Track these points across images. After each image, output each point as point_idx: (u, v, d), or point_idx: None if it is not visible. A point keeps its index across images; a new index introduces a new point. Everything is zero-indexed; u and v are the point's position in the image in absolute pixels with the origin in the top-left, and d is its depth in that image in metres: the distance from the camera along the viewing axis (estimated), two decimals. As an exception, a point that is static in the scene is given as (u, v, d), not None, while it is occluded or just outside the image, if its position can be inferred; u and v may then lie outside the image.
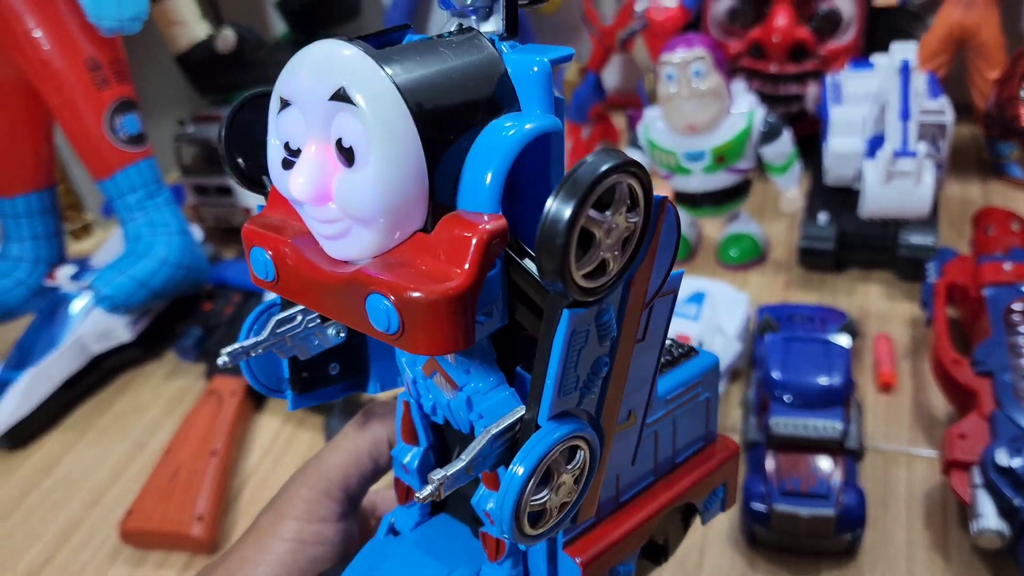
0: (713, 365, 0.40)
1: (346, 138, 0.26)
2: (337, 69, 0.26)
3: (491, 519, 0.31)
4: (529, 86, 0.29)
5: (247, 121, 0.32)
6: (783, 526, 0.66)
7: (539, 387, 0.28)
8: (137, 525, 0.76)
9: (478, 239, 0.26)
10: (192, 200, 1.16)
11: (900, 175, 0.81)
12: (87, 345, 0.94)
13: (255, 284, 0.32)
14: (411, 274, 0.27)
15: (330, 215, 0.28)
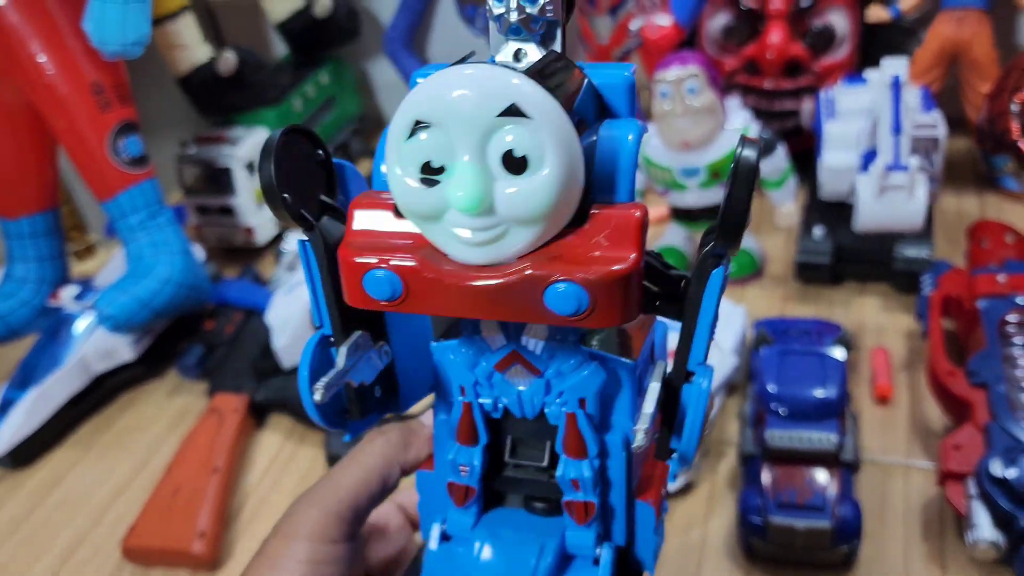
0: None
1: (517, 149, 0.29)
2: (505, 89, 0.28)
3: (578, 486, 0.36)
4: (620, 95, 0.33)
5: (282, 156, 0.33)
6: (779, 538, 0.66)
7: (689, 338, 0.32)
8: (139, 542, 0.77)
9: (638, 223, 0.30)
10: (194, 220, 1.17)
11: (893, 189, 0.82)
12: (90, 364, 0.94)
13: (365, 307, 0.32)
14: (588, 259, 0.30)
15: (489, 221, 0.30)
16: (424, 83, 0.29)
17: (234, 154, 1.12)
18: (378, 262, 0.31)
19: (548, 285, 0.30)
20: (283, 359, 0.92)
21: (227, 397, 0.90)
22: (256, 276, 1.08)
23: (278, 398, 0.90)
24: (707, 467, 0.78)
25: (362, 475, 0.39)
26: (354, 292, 0.32)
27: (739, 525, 0.69)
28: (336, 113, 1.36)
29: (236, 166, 1.12)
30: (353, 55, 1.42)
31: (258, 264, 1.16)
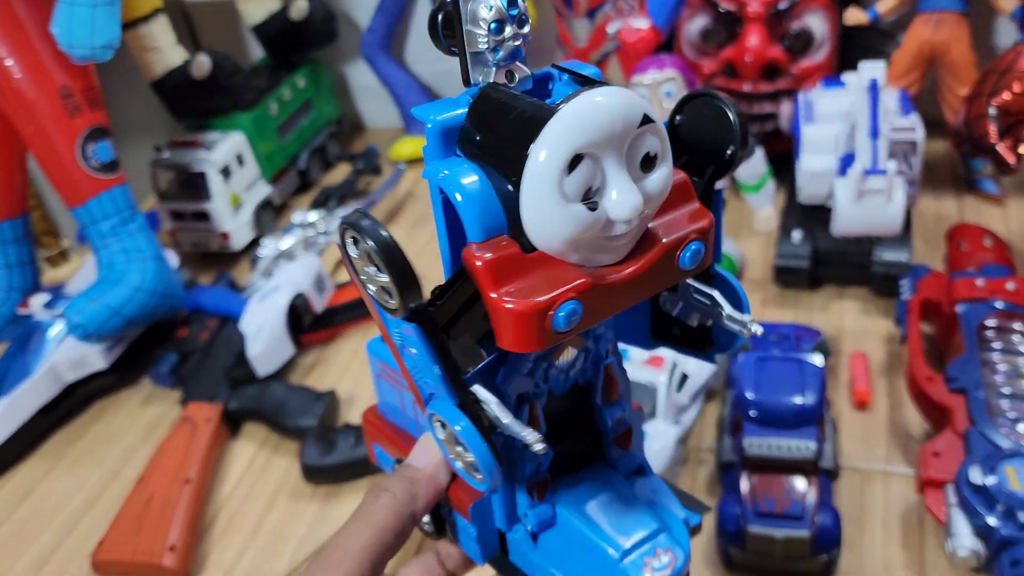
0: None
1: (652, 150, 0.32)
2: (637, 104, 0.31)
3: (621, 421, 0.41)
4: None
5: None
6: (758, 548, 0.66)
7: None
8: (109, 556, 0.75)
9: (687, 179, 0.36)
10: (168, 225, 1.16)
11: (871, 193, 0.82)
12: (61, 373, 0.93)
13: (538, 348, 0.32)
14: (683, 221, 0.35)
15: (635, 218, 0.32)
16: (566, 120, 0.30)
17: (209, 158, 1.10)
18: (560, 295, 0.31)
19: (682, 248, 0.34)
20: (257, 367, 0.91)
21: (200, 406, 0.88)
22: (231, 282, 1.06)
23: (252, 407, 0.88)
24: (686, 474, 0.78)
25: (375, 536, 0.38)
26: (529, 337, 0.32)
27: (717, 534, 0.69)
28: (313, 116, 1.34)
29: (211, 171, 1.10)
30: (330, 58, 1.41)
31: (233, 270, 1.14)
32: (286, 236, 1.09)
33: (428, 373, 0.35)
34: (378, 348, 0.43)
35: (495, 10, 0.32)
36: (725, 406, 0.80)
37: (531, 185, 0.30)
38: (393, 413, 0.45)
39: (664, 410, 0.75)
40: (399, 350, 0.36)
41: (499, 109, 0.32)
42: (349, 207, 1.17)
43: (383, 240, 0.31)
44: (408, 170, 1.29)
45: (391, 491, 0.39)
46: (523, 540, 0.40)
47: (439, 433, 0.37)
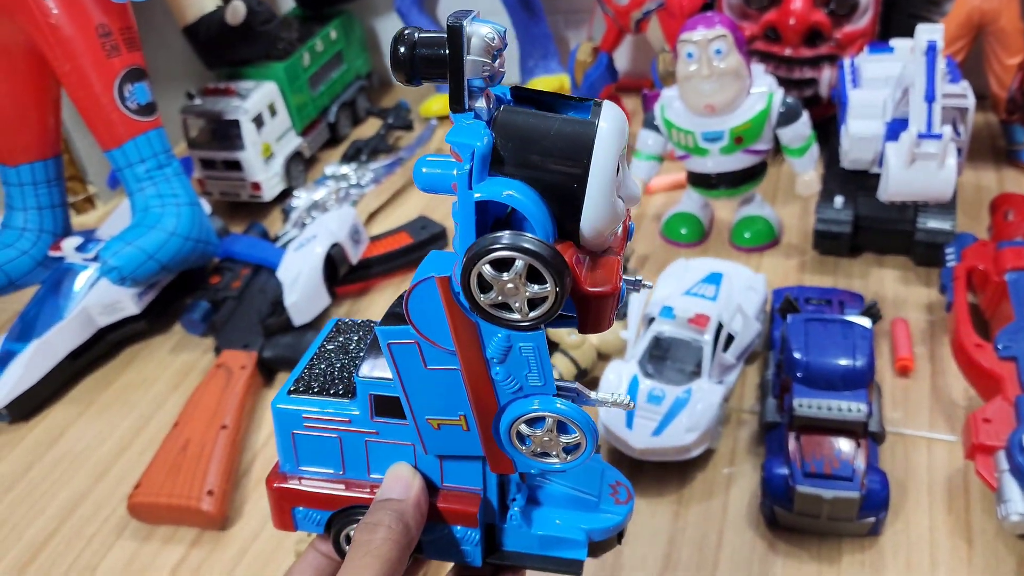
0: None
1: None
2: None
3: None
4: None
5: None
6: (806, 508, 0.65)
7: None
8: (145, 499, 0.75)
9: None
10: (198, 173, 1.14)
11: (924, 157, 0.80)
12: (93, 317, 0.92)
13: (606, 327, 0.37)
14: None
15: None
16: (613, 131, 0.34)
17: (243, 106, 1.09)
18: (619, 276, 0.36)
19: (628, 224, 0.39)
20: (294, 316, 0.90)
21: (235, 353, 0.88)
22: (264, 232, 1.05)
23: (287, 355, 0.87)
24: (727, 434, 0.77)
25: (384, 568, 0.37)
26: (612, 316, 0.36)
27: (763, 494, 0.68)
28: (344, 69, 1.32)
29: (244, 119, 1.09)
30: (362, 11, 1.39)
31: (264, 221, 1.13)
32: (318, 188, 1.07)
33: (535, 371, 0.37)
34: (292, 403, 0.42)
35: (497, 39, 0.33)
36: (768, 368, 0.79)
37: (597, 188, 0.34)
38: (323, 466, 0.43)
39: (709, 369, 0.74)
40: (487, 361, 0.37)
41: (533, 130, 0.34)
42: (380, 162, 1.16)
43: (552, 252, 0.33)
44: (439, 127, 1.28)
45: (386, 524, 0.38)
46: (521, 523, 0.44)
47: (527, 434, 0.39)
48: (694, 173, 0.97)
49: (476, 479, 0.42)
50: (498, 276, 0.34)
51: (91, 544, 0.76)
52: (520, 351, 0.37)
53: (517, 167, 0.34)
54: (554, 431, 0.39)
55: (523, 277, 0.33)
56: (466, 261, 0.33)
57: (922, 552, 0.66)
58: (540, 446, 0.39)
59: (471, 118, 0.34)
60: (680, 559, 0.68)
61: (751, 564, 0.67)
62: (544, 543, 0.44)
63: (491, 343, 0.37)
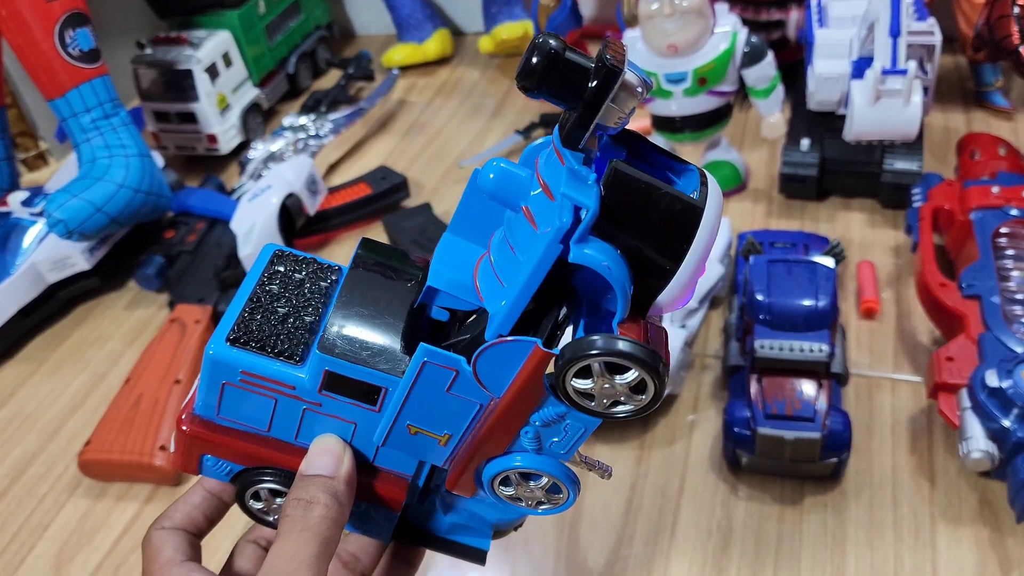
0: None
1: None
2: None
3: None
4: None
5: None
6: (767, 450, 0.64)
7: None
8: (96, 456, 0.73)
9: None
10: (152, 127, 1.11)
11: (889, 94, 0.79)
12: (42, 273, 0.89)
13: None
14: None
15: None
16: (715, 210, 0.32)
17: (195, 56, 1.06)
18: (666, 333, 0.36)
19: None
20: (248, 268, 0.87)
21: (189, 308, 0.86)
22: (220, 185, 1.03)
23: (242, 309, 0.85)
24: (691, 379, 0.76)
25: (322, 546, 0.36)
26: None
27: (725, 437, 0.67)
28: (302, 19, 1.29)
29: (197, 69, 1.05)
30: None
31: (221, 174, 1.10)
32: (275, 139, 1.05)
33: (565, 444, 0.36)
34: (232, 356, 0.37)
35: (644, 93, 0.30)
36: (731, 312, 0.78)
37: (689, 270, 0.32)
38: (247, 421, 0.39)
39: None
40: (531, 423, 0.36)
41: (643, 197, 0.31)
42: (340, 112, 1.13)
43: (662, 365, 0.32)
44: (401, 76, 1.25)
45: (322, 502, 0.37)
46: (439, 507, 0.43)
47: (514, 482, 0.38)
48: (658, 117, 0.94)
49: (410, 467, 0.40)
50: (608, 376, 0.32)
51: (43, 503, 0.74)
52: (568, 427, 0.36)
53: (615, 231, 0.31)
54: (546, 489, 0.38)
55: (629, 386, 0.32)
56: (577, 356, 0.32)
57: (884, 492, 0.66)
58: (520, 495, 0.39)
59: (580, 160, 0.31)
60: (642, 504, 0.67)
61: (713, 507, 0.66)
62: (451, 528, 0.43)
63: (546, 410, 0.35)
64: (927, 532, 0.63)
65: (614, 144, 0.33)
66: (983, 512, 0.64)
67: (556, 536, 0.66)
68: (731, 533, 0.64)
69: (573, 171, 0.31)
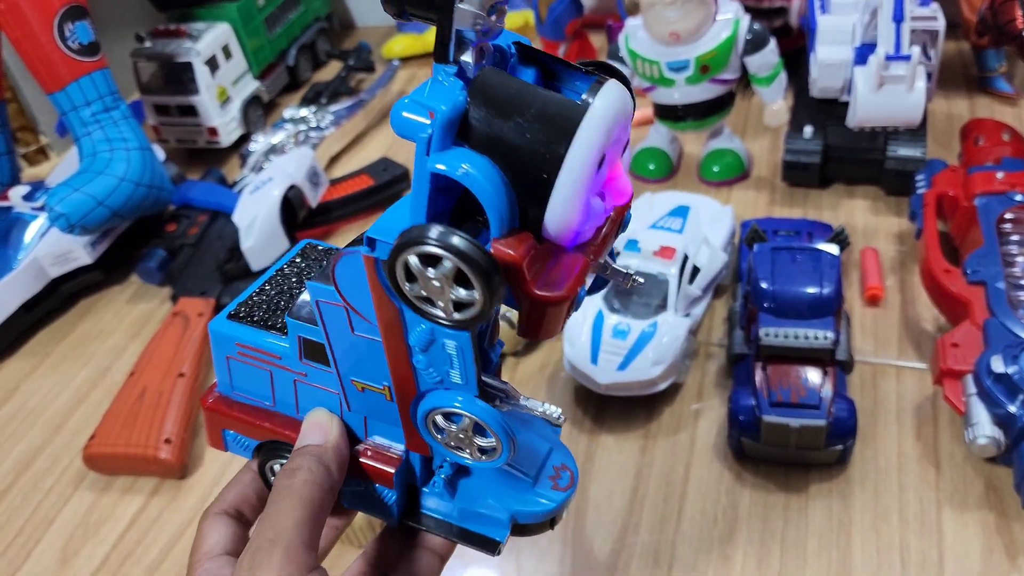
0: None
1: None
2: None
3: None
4: None
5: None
6: (773, 437, 0.64)
7: None
8: (101, 449, 0.73)
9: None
10: (152, 120, 1.11)
11: (892, 80, 0.78)
12: (44, 268, 0.89)
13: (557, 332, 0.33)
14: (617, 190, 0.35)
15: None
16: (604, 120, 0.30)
17: (195, 48, 1.05)
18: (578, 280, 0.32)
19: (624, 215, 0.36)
20: (251, 261, 0.88)
21: (192, 301, 0.85)
22: (222, 178, 1.02)
23: (245, 302, 0.85)
24: (695, 368, 0.76)
25: (306, 510, 0.36)
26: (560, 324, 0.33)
27: (730, 425, 0.67)
28: (302, 11, 1.28)
29: (197, 61, 1.05)
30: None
31: (222, 167, 1.10)
32: (276, 132, 1.04)
33: (456, 368, 0.35)
34: (227, 328, 0.40)
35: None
36: (736, 300, 0.78)
37: (567, 181, 0.30)
38: (255, 396, 0.42)
39: (675, 302, 0.72)
40: (409, 347, 0.35)
41: (513, 102, 0.30)
42: (341, 104, 1.13)
43: (485, 257, 0.29)
44: (401, 68, 1.24)
45: (306, 467, 0.37)
46: (442, 489, 0.41)
47: (443, 426, 0.37)
48: (661, 105, 0.94)
49: (400, 439, 0.40)
50: (423, 271, 0.30)
51: (49, 496, 0.74)
52: (444, 347, 0.34)
53: (487, 140, 0.30)
54: (470, 431, 0.37)
55: (451, 278, 0.30)
56: (393, 249, 0.30)
57: (890, 479, 0.65)
58: (454, 441, 0.37)
59: (452, 73, 0.30)
60: (647, 493, 0.67)
61: (718, 496, 0.66)
62: (464, 515, 0.42)
63: (414, 331, 0.34)
64: (933, 517, 0.63)
65: (521, 63, 0.32)
66: (989, 497, 0.63)
67: (561, 525, 0.65)
68: (736, 520, 0.64)
69: (435, 82, 0.30)
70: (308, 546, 0.35)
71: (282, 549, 0.34)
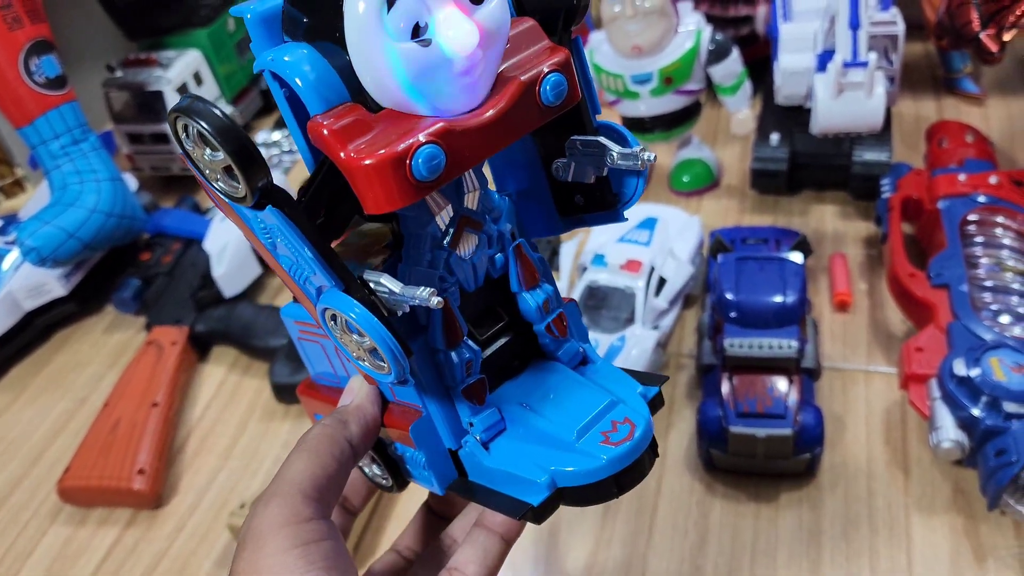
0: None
1: None
2: None
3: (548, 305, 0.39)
4: None
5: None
6: (740, 448, 0.64)
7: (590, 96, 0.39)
8: (75, 482, 0.73)
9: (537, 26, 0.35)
10: (126, 149, 1.11)
11: (851, 87, 0.79)
12: (19, 301, 0.89)
13: (402, 204, 0.31)
14: (539, 58, 0.33)
15: (476, 55, 0.31)
16: None
17: (165, 76, 1.06)
18: (415, 141, 0.30)
19: (541, 81, 0.32)
20: (223, 288, 0.88)
21: (166, 329, 0.86)
22: (195, 205, 1.03)
23: (219, 328, 0.86)
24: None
25: (315, 461, 0.36)
26: (391, 190, 0.30)
27: (699, 437, 0.67)
28: (273, 34, 1.29)
29: (168, 89, 1.05)
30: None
31: (197, 193, 1.10)
32: (249, 156, 1.05)
33: (303, 261, 0.33)
34: (293, 311, 0.42)
35: None
36: (704, 311, 0.78)
37: (353, 32, 0.30)
38: (326, 376, 0.43)
39: (642, 315, 0.73)
40: (272, 254, 0.34)
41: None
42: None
43: (213, 116, 0.29)
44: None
45: (320, 424, 0.38)
46: (476, 452, 0.39)
47: (334, 331, 0.35)
48: (627, 118, 0.95)
49: (414, 396, 0.39)
50: (188, 147, 0.30)
51: (26, 530, 0.74)
52: (279, 240, 0.33)
53: (306, 28, 0.31)
54: (347, 331, 0.34)
55: (199, 142, 0.30)
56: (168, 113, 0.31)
57: (859, 485, 0.66)
58: (351, 350, 0.35)
59: None
60: (620, 506, 0.67)
61: (689, 507, 0.66)
62: (498, 478, 0.38)
63: (256, 228, 0.33)
64: (902, 523, 0.63)
65: None
66: (957, 500, 0.64)
67: (535, 541, 0.66)
68: (707, 532, 0.65)
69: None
70: (309, 496, 0.35)
71: (280, 498, 0.34)
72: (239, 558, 0.34)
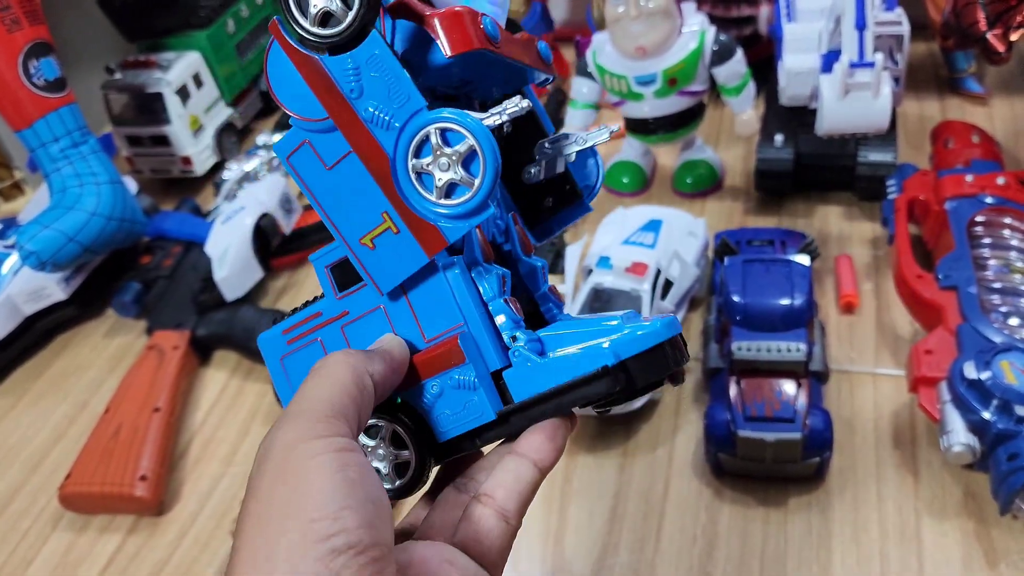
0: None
1: None
2: None
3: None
4: None
5: None
6: (749, 452, 0.64)
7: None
8: (76, 489, 0.72)
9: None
10: (126, 152, 1.10)
11: (857, 87, 0.78)
12: (18, 306, 0.89)
13: (487, 41, 0.36)
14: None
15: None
16: None
17: (165, 78, 1.05)
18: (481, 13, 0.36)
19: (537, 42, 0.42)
20: (225, 291, 0.87)
21: (167, 334, 0.85)
22: (196, 207, 1.02)
23: (221, 332, 0.85)
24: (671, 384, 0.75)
25: (336, 386, 0.34)
26: (471, 33, 0.35)
27: (706, 441, 0.67)
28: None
29: (167, 91, 1.05)
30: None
31: (197, 196, 1.10)
32: (250, 158, 1.04)
33: (398, 88, 0.35)
34: (273, 330, 0.43)
35: None
36: (710, 313, 0.78)
37: None
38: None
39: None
40: (353, 104, 0.36)
41: None
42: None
43: None
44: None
45: (340, 352, 0.37)
46: (531, 354, 0.38)
47: (422, 169, 0.36)
48: (631, 119, 0.94)
49: (453, 313, 0.38)
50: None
51: (27, 537, 0.74)
52: (369, 65, 0.35)
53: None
54: (442, 145, 0.35)
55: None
56: None
57: (869, 489, 0.65)
58: (441, 176, 0.35)
59: None
60: (627, 511, 0.67)
61: (697, 512, 0.66)
62: (558, 370, 0.37)
63: (341, 76, 0.36)
64: (912, 527, 0.62)
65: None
66: (968, 504, 0.63)
67: (542, 546, 0.65)
68: (716, 537, 0.64)
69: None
70: (334, 416, 0.33)
71: (296, 418, 0.33)
72: (260, 472, 0.33)
